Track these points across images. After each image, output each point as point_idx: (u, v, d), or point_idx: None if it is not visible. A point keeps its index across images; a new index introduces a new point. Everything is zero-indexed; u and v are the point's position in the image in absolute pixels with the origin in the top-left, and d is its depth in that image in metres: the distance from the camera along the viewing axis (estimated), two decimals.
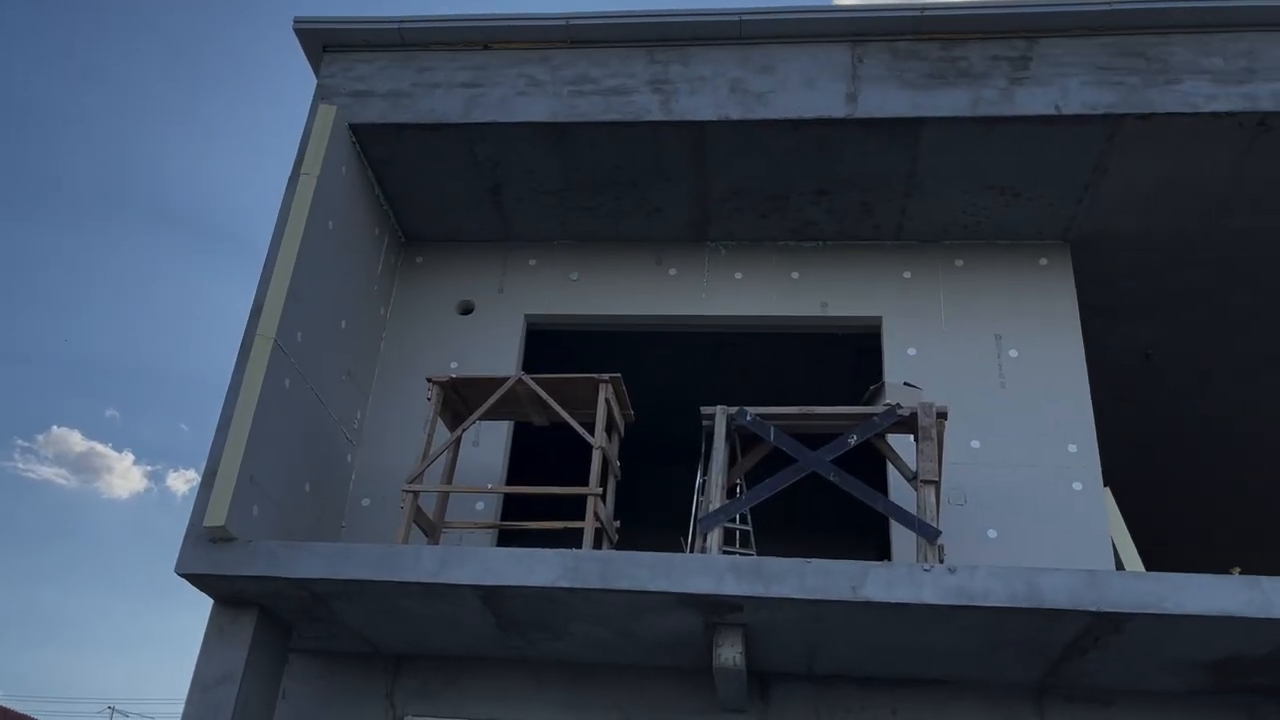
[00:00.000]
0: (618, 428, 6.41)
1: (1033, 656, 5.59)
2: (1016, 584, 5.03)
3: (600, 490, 5.76)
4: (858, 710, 6.06)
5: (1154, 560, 11.61)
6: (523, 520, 6.39)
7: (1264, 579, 4.97)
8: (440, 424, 6.35)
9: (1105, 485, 6.82)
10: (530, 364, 9.18)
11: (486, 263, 7.86)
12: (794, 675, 6.14)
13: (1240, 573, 5.32)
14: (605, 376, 6.15)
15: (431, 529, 6.21)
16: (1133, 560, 6.51)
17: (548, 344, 9.07)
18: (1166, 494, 10.78)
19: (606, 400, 6.11)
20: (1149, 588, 4.99)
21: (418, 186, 7.45)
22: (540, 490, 6.07)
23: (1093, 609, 4.97)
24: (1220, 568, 6.40)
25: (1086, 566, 6.20)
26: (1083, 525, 6.55)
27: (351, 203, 7.05)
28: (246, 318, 6.14)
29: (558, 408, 6.12)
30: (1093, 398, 9.08)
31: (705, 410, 6.21)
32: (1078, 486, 6.70)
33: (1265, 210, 6.98)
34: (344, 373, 6.89)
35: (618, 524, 6.37)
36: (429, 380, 6.24)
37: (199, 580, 5.53)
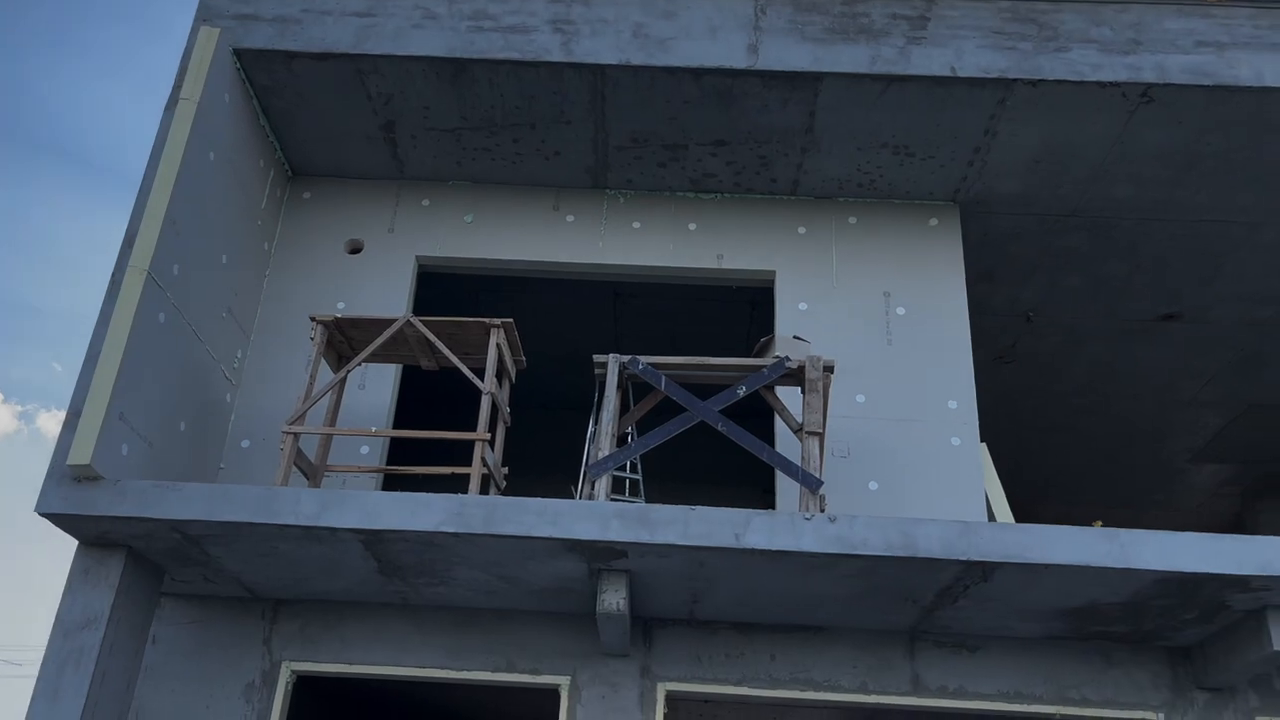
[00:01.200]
0: (509, 374, 6.34)
1: (906, 603, 5.78)
2: (893, 533, 5.17)
3: (488, 436, 5.70)
4: (737, 655, 6.19)
5: (1027, 513, 12.14)
6: (410, 466, 6.29)
7: (1122, 531, 5.21)
8: (324, 365, 6.17)
9: (982, 441, 7.06)
10: (423, 307, 9.01)
11: (377, 201, 7.64)
12: (676, 620, 6.23)
13: (1101, 526, 5.58)
14: (497, 321, 6.06)
15: (313, 472, 6.06)
16: (1004, 513, 6.77)
17: (441, 288, 8.91)
18: (1040, 451, 11.25)
19: (497, 345, 6.02)
20: (1016, 538, 5.19)
21: (306, 119, 7.17)
22: (426, 435, 5.98)
23: (963, 558, 5.14)
24: (1087, 522, 6.71)
25: (961, 518, 6.43)
26: (959, 479, 6.77)
27: (234, 132, 6.74)
28: None
29: (447, 351, 6.01)
30: (974, 357, 9.39)
31: (598, 358, 6.18)
32: (956, 442, 6.91)
33: (1144, 181, 7.24)
34: (224, 309, 6.63)
35: (506, 471, 6.32)
36: (313, 319, 6.05)
37: (62, 521, 5.29)
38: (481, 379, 5.89)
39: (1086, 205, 7.51)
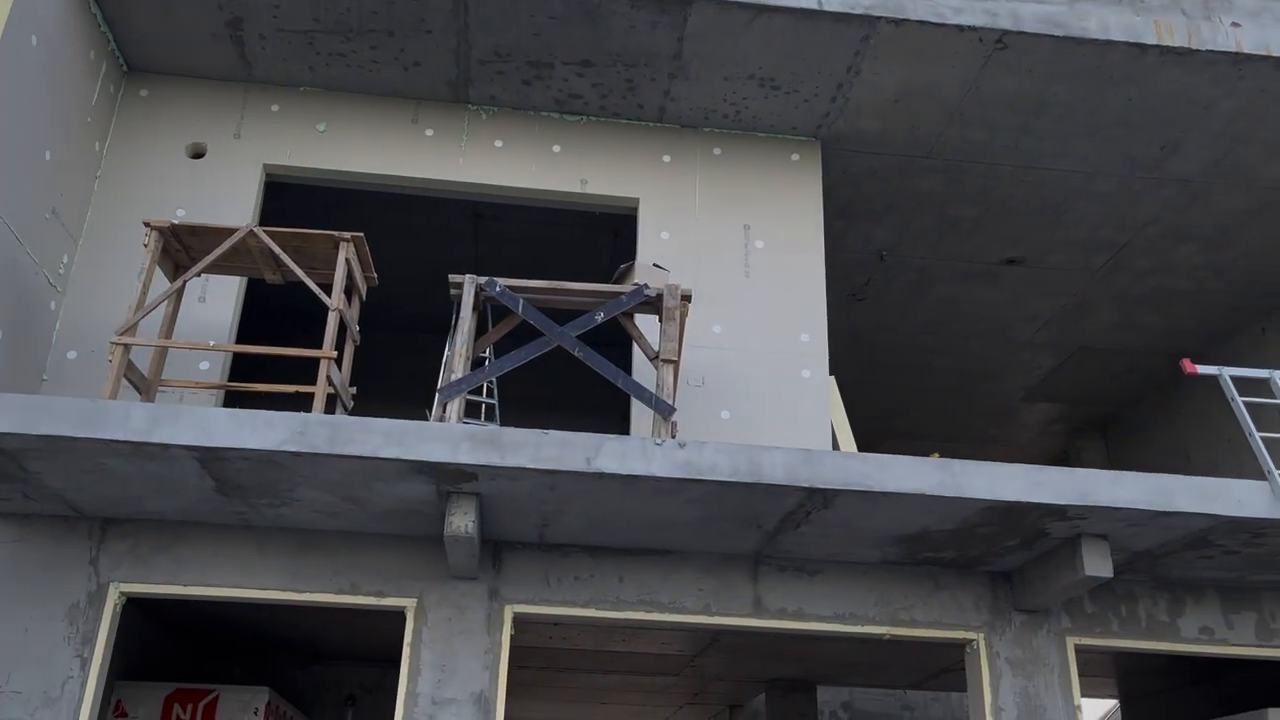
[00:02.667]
0: (359, 291, 6.13)
1: (751, 529, 5.93)
2: (740, 460, 5.27)
3: (334, 354, 5.50)
4: (587, 578, 6.25)
5: (872, 447, 12.62)
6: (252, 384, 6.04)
7: (955, 462, 5.45)
8: (160, 274, 5.83)
9: (831, 374, 7.25)
10: (272, 219, 8.61)
11: (223, 104, 7.20)
12: (526, 544, 6.23)
13: (939, 457, 5.83)
14: (346, 235, 5.83)
15: (146, 387, 5.75)
16: (848, 443, 7.00)
17: (292, 199, 8.52)
18: (887, 387, 11.68)
19: (347, 260, 5.80)
20: (857, 467, 5.37)
21: (143, 10, 6.66)
22: (269, 351, 5.73)
23: (806, 485, 5.29)
24: (927, 455, 7.02)
25: (807, 447, 6.61)
26: (808, 410, 6.96)
27: (61, 19, 6.20)
28: None
29: (292, 264, 5.76)
30: (828, 293, 9.62)
31: (454, 279, 6.03)
32: (806, 374, 7.08)
33: (996, 126, 7.47)
34: (48, 210, 6.16)
35: (354, 391, 6.15)
36: (147, 224, 5.69)
37: None
38: (329, 295, 5.67)
39: (941, 148, 7.71)
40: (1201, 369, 6.40)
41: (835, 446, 6.89)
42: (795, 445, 6.59)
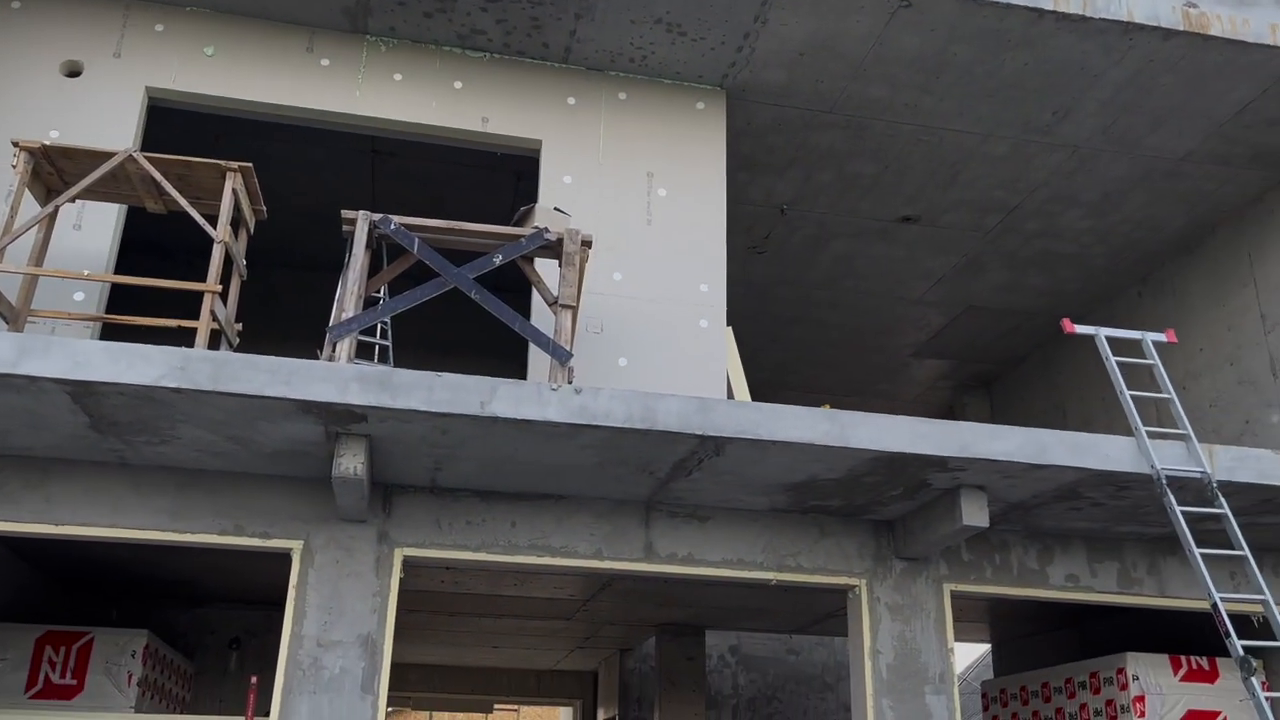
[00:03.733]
0: (246, 224, 5.91)
1: (644, 475, 5.98)
2: (634, 406, 5.29)
3: (219, 288, 5.31)
4: (479, 522, 6.22)
5: (767, 398, 12.81)
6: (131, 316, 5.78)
7: (843, 413, 5.57)
8: (29, 198, 5.51)
9: (728, 325, 7.32)
10: (156, 146, 8.21)
11: (102, 20, 6.80)
12: (418, 487, 6.16)
13: (829, 407, 5.95)
14: (234, 165, 5.60)
15: (14, 316, 5.46)
16: (742, 393, 7.09)
17: (179, 126, 8.14)
18: (784, 340, 11.86)
19: (234, 191, 5.57)
20: (749, 415, 5.44)
21: None
22: (149, 282, 5.49)
23: (699, 432, 5.34)
24: (820, 406, 7.16)
25: (702, 396, 6.66)
26: (704, 359, 7.01)
27: None
28: None
29: (174, 193, 5.51)
30: (729, 244, 9.68)
31: (346, 215, 5.86)
32: (704, 324, 7.12)
33: (897, 84, 7.56)
34: None
35: (239, 327, 5.95)
36: (15, 145, 5.36)
37: None
38: (214, 226, 5.45)
39: (844, 103, 7.78)
40: (1080, 329, 6.66)
41: (730, 396, 6.97)
42: (691, 394, 6.65)
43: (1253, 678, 5.37)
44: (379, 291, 7.35)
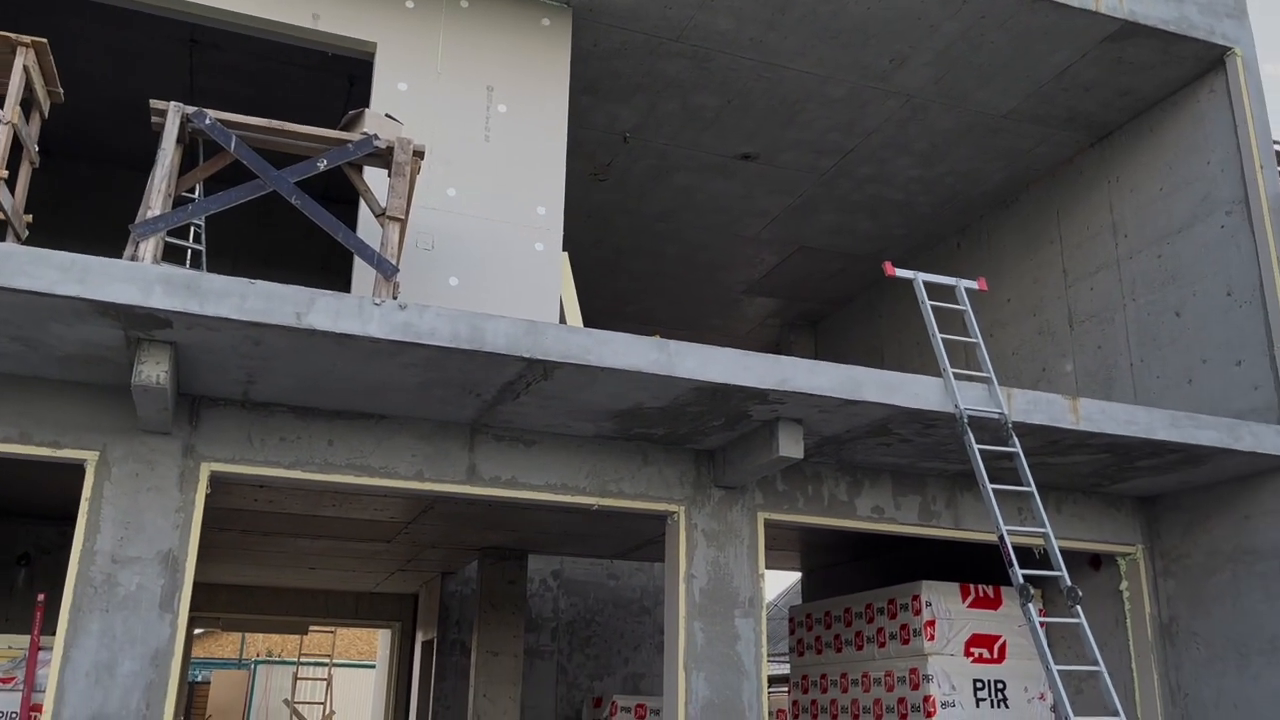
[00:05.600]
0: (39, 106, 5.39)
1: (470, 397, 5.88)
2: (461, 326, 5.17)
3: (4, 174, 4.83)
4: (293, 439, 5.99)
5: (603, 327, 12.83)
6: None
7: (672, 342, 5.61)
8: None
9: (565, 250, 7.24)
10: None
11: None
12: (228, 400, 5.88)
13: (659, 336, 5.99)
14: (26, 39, 5.08)
15: None
16: (575, 319, 7.06)
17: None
18: (622, 270, 11.87)
19: (25, 69, 5.06)
20: (578, 341, 5.41)
21: None
22: None
23: (527, 355, 5.28)
24: (656, 336, 7.21)
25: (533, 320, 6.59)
26: (538, 283, 6.92)
27: None
28: None
29: None
30: (570, 170, 9.55)
31: (156, 105, 5.43)
32: (540, 247, 7.02)
33: (744, 17, 7.55)
34: None
35: (30, 219, 5.46)
36: None
37: None
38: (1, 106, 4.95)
39: (691, 32, 7.72)
40: (900, 272, 6.91)
41: (564, 322, 6.92)
42: (522, 317, 6.56)
43: (1030, 604, 5.80)
44: (192, 191, 6.89)
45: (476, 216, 6.88)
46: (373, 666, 28.18)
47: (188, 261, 7.14)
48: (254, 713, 27.34)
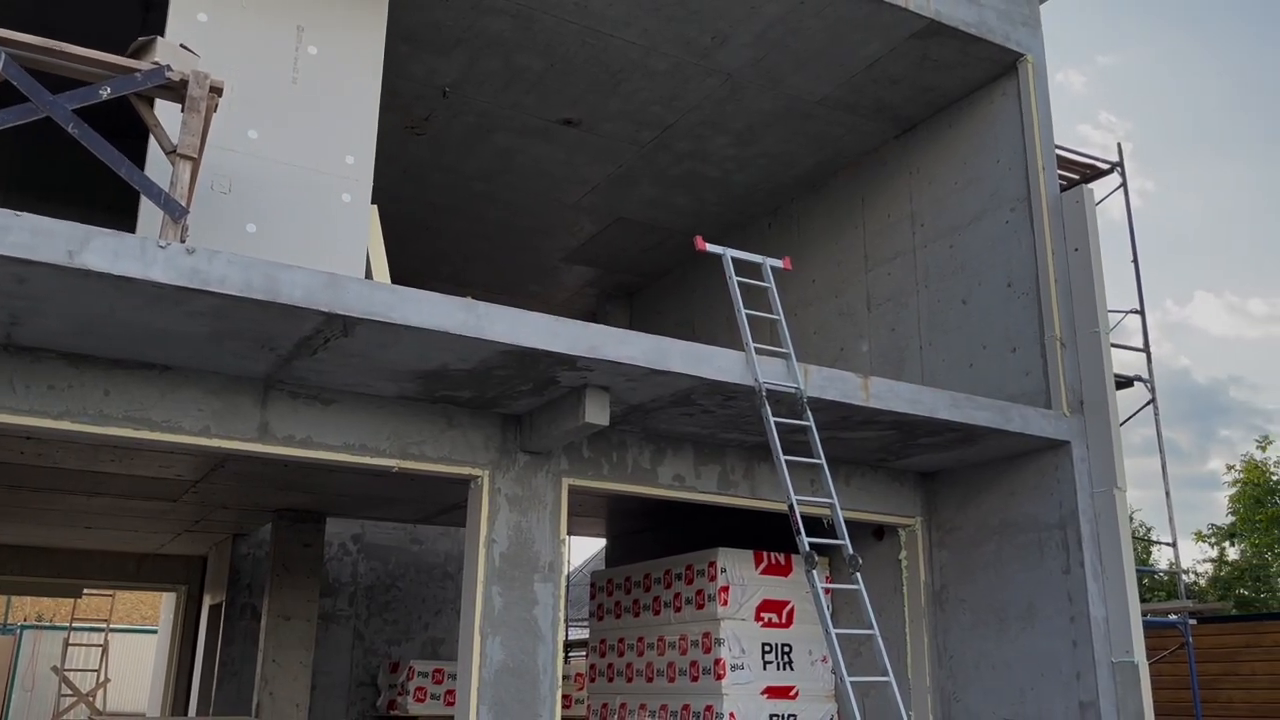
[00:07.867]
0: None
1: (264, 351, 5.61)
2: (255, 275, 4.91)
3: None
4: (64, 388, 5.56)
5: (418, 285, 12.52)
6: None
7: (481, 304, 5.52)
8: None
9: (374, 203, 6.99)
10: None
11: None
12: None
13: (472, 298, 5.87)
14: None
15: None
16: (383, 275, 6.83)
17: None
18: (438, 229, 11.59)
19: None
20: (382, 297, 5.24)
21: None
22: None
23: (326, 309, 5.07)
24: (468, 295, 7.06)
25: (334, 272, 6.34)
26: (344, 235, 6.64)
27: None
28: None
29: None
30: (384, 121, 9.22)
31: None
32: (347, 198, 6.74)
33: None
34: None
35: None
36: None
37: None
38: None
39: None
40: (710, 247, 7.05)
41: (369, 278, 6.69)
42: (324, 270, 6.30)
43: (814, 571, 6.08)
44: None
45: (280, 161, 6.54)
46: (154, 632, 26.72)
47: None
48: (18, 681, 25.46)
